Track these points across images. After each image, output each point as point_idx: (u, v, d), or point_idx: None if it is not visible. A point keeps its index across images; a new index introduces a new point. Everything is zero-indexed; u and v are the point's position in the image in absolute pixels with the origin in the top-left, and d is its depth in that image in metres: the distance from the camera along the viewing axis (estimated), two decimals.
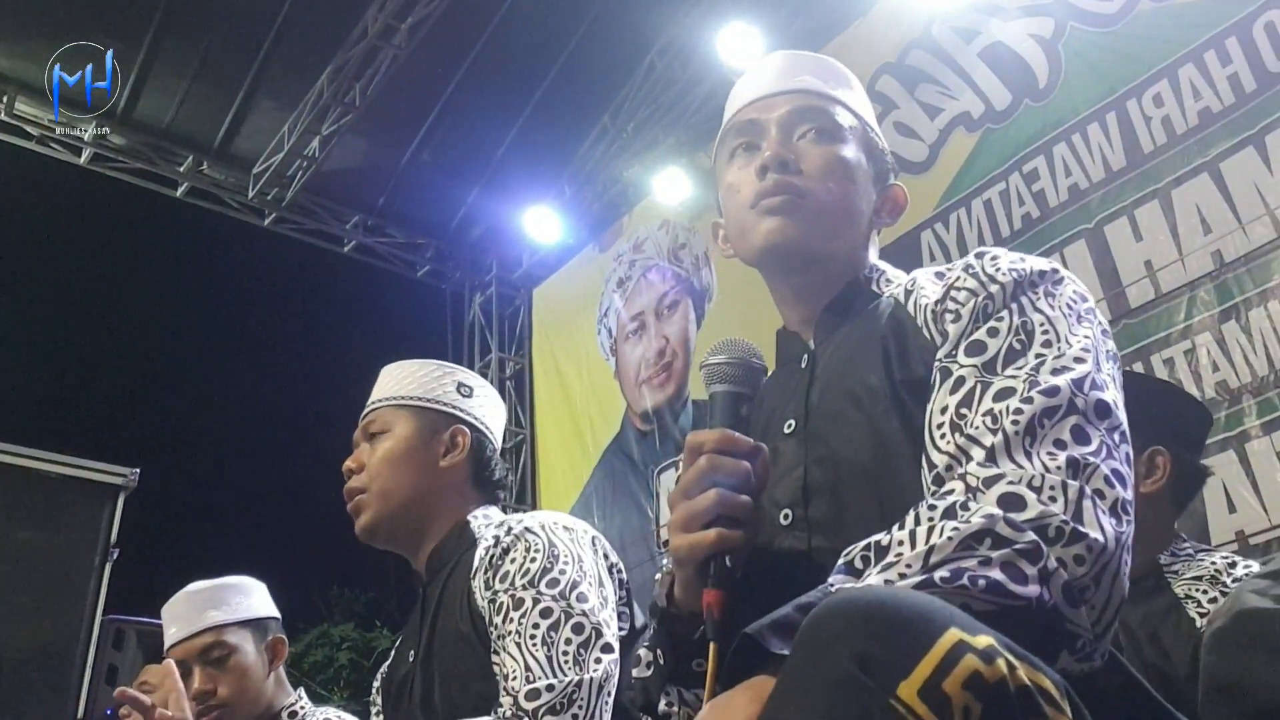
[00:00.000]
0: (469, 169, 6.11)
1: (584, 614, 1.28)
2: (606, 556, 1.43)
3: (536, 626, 1.27)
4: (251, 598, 2.01)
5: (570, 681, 1.22)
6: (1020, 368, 0.83)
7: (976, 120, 4.06)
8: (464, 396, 1.59)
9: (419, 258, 6.67)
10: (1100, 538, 0.73)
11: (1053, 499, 0.74)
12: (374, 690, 1.62)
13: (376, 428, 1.53)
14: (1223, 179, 3.22)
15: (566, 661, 1.24)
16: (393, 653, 1.61)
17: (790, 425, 0.99)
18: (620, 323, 5.64)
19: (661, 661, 0.93)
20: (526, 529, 1.37)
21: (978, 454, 0.78)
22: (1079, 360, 0.82)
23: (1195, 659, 1.44)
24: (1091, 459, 0.77)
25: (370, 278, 7.10)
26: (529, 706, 1.19)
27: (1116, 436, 0.79)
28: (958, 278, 0.92)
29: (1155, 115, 3.46)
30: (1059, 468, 0.76)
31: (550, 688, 1.21)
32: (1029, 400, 0.79)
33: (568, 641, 1.26)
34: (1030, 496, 0.74)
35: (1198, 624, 1.56)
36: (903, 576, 0.71)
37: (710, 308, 5.16)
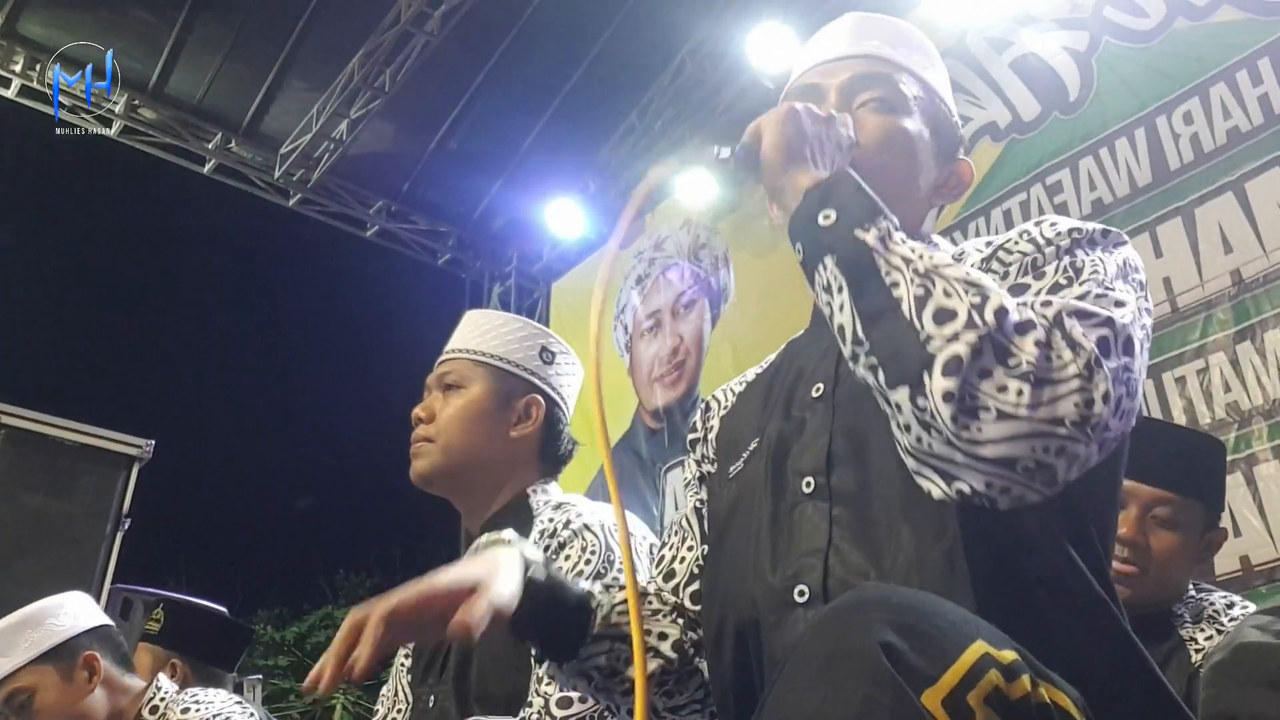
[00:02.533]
0: (494, 159, 6.13)
1: None
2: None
3: None
4: (43, 626, 1.94)
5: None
6: (1064, 296, 0.80)
7: (1003, 130, 4.04)
8: (545, 363, 1.55)
9: (440, 245, 6.69)
10: (1084, 360, 0.72)
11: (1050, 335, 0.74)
12: None
13: (453, 379, 1.50)
14: (1247, 199, 3.19)
15: None
16: None
17: (819, 389, 0.97)
18: (636, 320, 5.64)
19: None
20: (586, 526, 1.34)
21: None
22: (1120, 304, 0.79)
23: (1190, 692, 1.48)
24: (1104, 356, 0.74)
25: (391, 263, 7.14)
26: (559, 714, 1.17)
27: (1129, 375, 0.76)
28: (1009, 239, 0.90)
29: (1184, 133, 3.43)
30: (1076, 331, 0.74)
31: (583, 699, 1.18)
32: (1065, 302, 0.77)
33: None
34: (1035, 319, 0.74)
35: (1193, 659, 1.59)
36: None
37: (726, 308, 5.16)
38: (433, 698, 1.40)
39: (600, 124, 5.89)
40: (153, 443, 3.44)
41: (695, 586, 1.07)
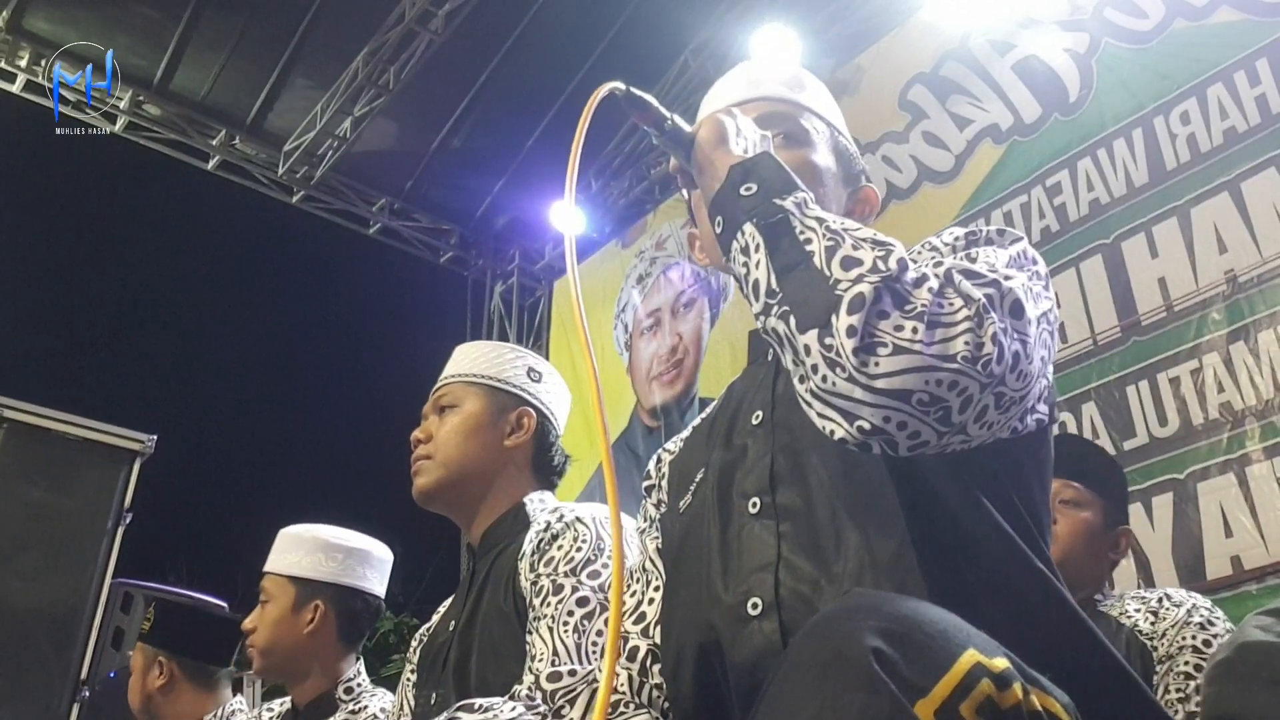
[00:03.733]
0: (497, 158, 6.13)
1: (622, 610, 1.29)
2: None
3: (571, 614, 1.28)
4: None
5: (593, 671, 1.23)
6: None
7: (1004, 132, 4.05)
8: (533, 381, 1.64)
9: (443, 243, 6.70)
10: (965, 306, 0.76)
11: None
12: (412, 649, 1.65)
13: (447, 401, 1.59)
14: (1242, 199, 3.19)
15: (595, 652, 1.25)
16: (435, 620, 1.64)
17: (758, 416, 1.01)
18: (636, 319, 5.65)
19: None
20: (578, 518, 1.39)
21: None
22: (1008, 278, 0.82)
23: (1129, 654, 1.68)
24: (994, 298, 0.79)
25: (393, 261, 7.14)
26: (549, 687, 1.21)
27: (1023, 336, 0.80)
28: (914, 250, 0.94)
29: (1181, 133, 3.43)
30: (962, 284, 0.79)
31: (573, 673, 1.22)
32: (954, 261, 0.82)
33: (599, 633, 1.27)
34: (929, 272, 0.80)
35: (1124, 623, 1.78)
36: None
37: (724, 307, 5.17)
38: (435, 695, 1.44)
39: (603, 123, 5.82)
40: (155, 438, 3.44)
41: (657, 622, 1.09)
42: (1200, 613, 1.76)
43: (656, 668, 1.05)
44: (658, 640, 1.07)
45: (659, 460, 1.20)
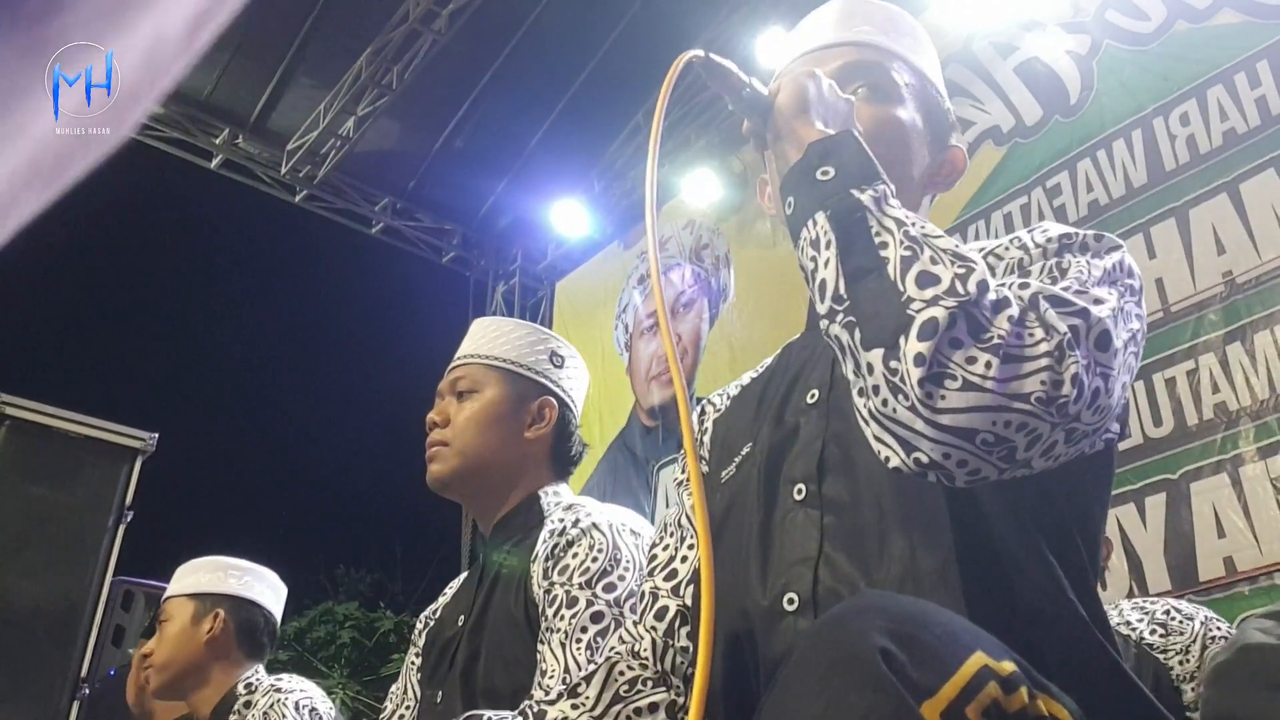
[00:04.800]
0: (500, 158, 6.14)
1: None
2: None
3: (584, 630, 1.25)
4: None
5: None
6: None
7: (1005, 134, 4.05)
8: (555, 366, 1.57)
9: (445, 243, 6.71)
10: (1049, 340, 0.71)
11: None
12: (417, 632, 1.61)
13: (466, 385, 1.51)
14: (1241, 200, 3.19)
15: None
16: (441, 604, 1.60)
17: (814, 395, 0.96)
18: (637, 319, 5.66)
19: None
20: (594, 524, 1.35)
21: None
22: (1098, 301, 0.77)
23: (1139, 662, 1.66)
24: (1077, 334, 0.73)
25: (396, 260, 7.15)
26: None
27: (1105, 371, 0.75)
28: (1001, 244, 0.89)
29: (1180, 134, 3.43)
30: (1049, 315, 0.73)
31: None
32: (1041, 286, 0.77)
33: (612, 650, 1.24)
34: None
35: (1128, 635, 1.75)
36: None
37: (724, 307, 5.18)
38: (440, 694, 1.42)
39: (606, 124, 5.89)
40: (156, 436, 3.44)
41: (691, 586, 1.05)
42: (1216, 625, 1.74)
43: (685, 630, 1.02)
44: (688, 601, 1.03)
45: (703, 412, 1.13)
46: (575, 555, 1.32)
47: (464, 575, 1.62)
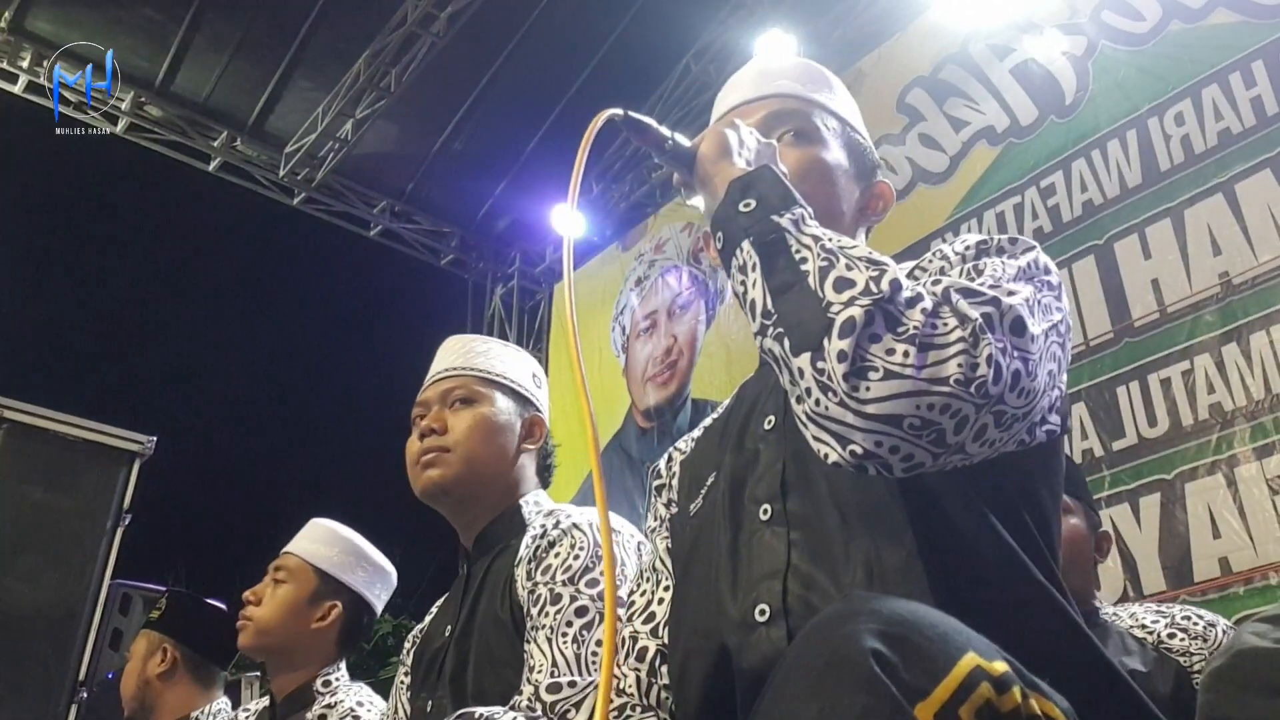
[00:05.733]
0: (498, 161, 6.14)
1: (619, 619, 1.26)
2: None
3: (569, 624, 1.26)
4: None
5: (593, 682, 1.21)
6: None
7: (1000, 134, 4.05)
8: (537, 386, 1.61)
9: (443, 246, 6.71)
10: (959, 328, 0.75)
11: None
12: (405, 651, 1.62)
13: (463, 394, 1.52)
14: (1236, 201, 3.18)
15: (594, 662, 1.23)
16: (427, 621, 1.61)
17: (770, 421, 1.01)
18: (634, 321, 5.67)
19: None
20: (575, 525, 1.36)
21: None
22: (1011, 294, 0.81)
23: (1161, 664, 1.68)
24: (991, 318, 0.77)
25: (394, 263, 7.14)
26: (548, 699, 1.19)
27: (1025, 355, 0.79)
28: (926, 258, 0.94)
29: (1175, 134, 3.43)
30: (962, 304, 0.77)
31: (572, 684, 1.20)
32: (953, 280, 0.81)
33: (598, 643, 1.25)
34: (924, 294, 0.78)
35: (1144, 637, 1.76)
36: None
37: (721, 309, 5.18)
38: (431, 702, 1.42)
39: (606, 126, 5.89)
40: (154, 439, 3.44)
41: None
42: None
43: (665, 669, 1.05)
44: (666, 642, 1.06)
45: (670, 459, 1.19)
46: (557, 554, 1.33)
47: (448, 594, 1.63)
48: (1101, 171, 3.62)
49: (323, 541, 2.03)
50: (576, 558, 1.32)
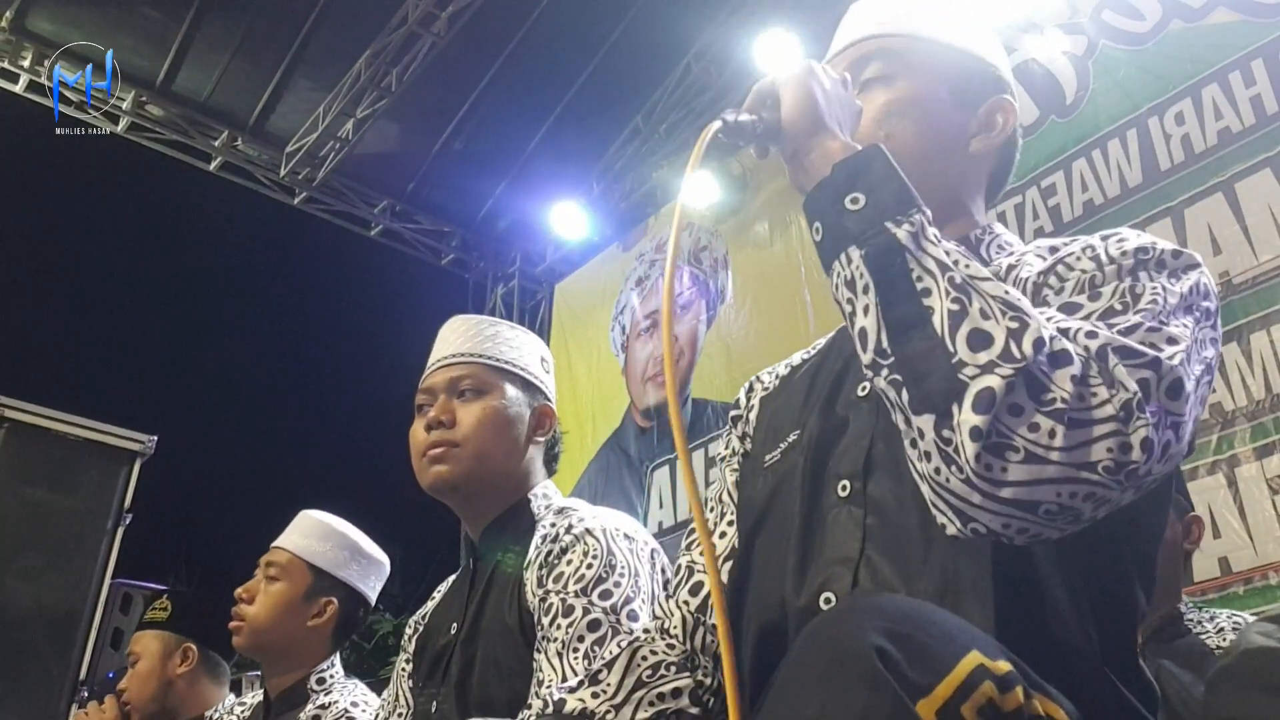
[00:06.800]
0: (499, 161, 6.14)
1: (632, 633, 1.19)
2: (663, 571, 1.36)
3: (581, 639, 1.22)
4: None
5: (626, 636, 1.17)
6: (1112, 325, 0.73)
7: None
8: (545, 371, 1.55)
9: (444, 245, 6.71)
10: (1128, 391, 0.67)
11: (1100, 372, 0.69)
12: (406, 637, 1.58)
13: (472, 384, 1.46)
14: (1237, 200, 3.18)
15: None
16: (430, 608, 1.57)
17: (864, 389, 0.93)
18: (634, 320, 5.67)
19: None
20: (588, 530, 1.32)
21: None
22: (1172, 341, 0.73)
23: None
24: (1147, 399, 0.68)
25: (394, 262, 7.15)
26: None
27: (1176, 420, 0.71)
28: (1073, 253, 0.84)
29: (1175, 133, 3.42)
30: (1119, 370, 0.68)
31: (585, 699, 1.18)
32: (1109, 336, 0.72)
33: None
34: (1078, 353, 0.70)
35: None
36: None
37: (721, 309, 5.18)
38: (434, 703, 1.39)
39: (605, 127, 5.90)
40: (155, 438, 3.44)
41: (730, 564, 1.04)
42: None
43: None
44: (724, 579, 1.01)
45: (750, 389, 1.12)
46: (570, 562, 1.30)
47: (452, 578, 1.59)
48: (1102, 171, 3.62)
49: (315, 536, 1.99)
50: (590, 566, 1.28)
